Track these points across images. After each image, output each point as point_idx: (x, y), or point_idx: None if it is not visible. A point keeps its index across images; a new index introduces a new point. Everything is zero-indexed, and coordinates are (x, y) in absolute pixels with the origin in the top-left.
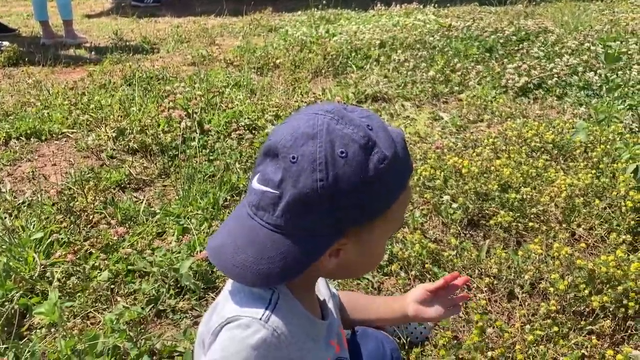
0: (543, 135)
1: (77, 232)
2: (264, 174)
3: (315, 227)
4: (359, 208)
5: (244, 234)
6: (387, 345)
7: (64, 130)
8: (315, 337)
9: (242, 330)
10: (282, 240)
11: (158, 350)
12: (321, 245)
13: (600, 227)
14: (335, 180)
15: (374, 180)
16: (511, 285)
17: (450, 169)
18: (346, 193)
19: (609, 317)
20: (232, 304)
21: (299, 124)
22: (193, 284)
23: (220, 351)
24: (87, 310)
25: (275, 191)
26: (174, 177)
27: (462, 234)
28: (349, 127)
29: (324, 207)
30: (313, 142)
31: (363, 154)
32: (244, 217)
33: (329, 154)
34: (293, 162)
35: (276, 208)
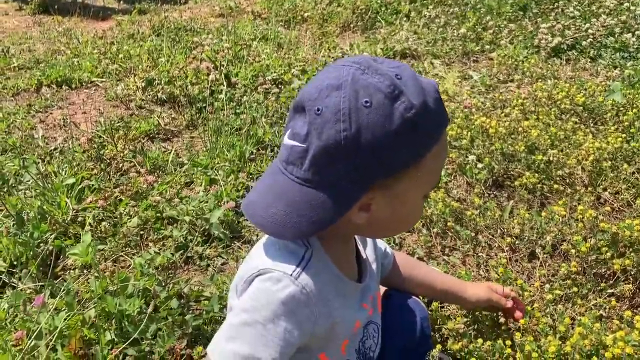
0: (574, 97)
1: (107, 179)
2: (293, 129)
3: (342, 180)
4: (384, 159)
5: (275, 188)
6: (419, 312)
7: (93, 79)
8: (345, 297)
9: (272, 283)
10: (310, 193)
11: (186, 294)
12: (348, 198)
13: (627, 192)
14: (358, 130)
15: (400, 131)
16: (533, 245)
17: (477, 129)
18: (370, 144)
19: (630, 280)
20: (266, 256)
21: (326, 77)
22: (222, 232)
23: (251, 300)
24: (118, 254)
25: (302, 145)
26: (201, 129)
27: (486, 194)
28: (375, 76)
29: (349, 158)
30: (337, 93)
31: (388, 103)
32: (276, 173)
33: (353, 104)
34: (317, 114)
35: (304, 162)
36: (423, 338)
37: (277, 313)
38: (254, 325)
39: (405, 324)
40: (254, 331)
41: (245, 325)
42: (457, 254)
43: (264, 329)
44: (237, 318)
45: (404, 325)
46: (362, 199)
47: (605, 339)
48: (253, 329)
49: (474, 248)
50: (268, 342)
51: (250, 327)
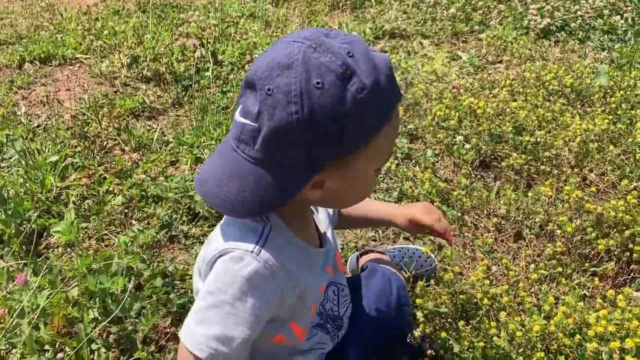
0: (562, 79)
1: (91, 157)
2: (244, 106)
3: (294, 161)
4: (336, 140)
5: (227, 167)
6: (395, 282)
7: (77, 55)
8: (309, 266)
9: (234, 262)
10: (262, 173)
11: (170, 272)
12: (301, 178)
13: (612, 174)
14: (310, 112)
15: (352, 112)
16: (519, 226)
17: (465, 110)
18: (323, 125)
19: (613, 260)
20: (226, 236)
21: (276, 53)
22: (207, 211)
23: (215, 282)
24: (102, 232)
25: (254, 124)
26: (187, 107)
27: (473, 174)
28: (327, 55)
29: (300, 140)
30: (288, 73)
31: (340, 84)
32: (228, 150)
33: (304, 85)
34: (269, 94)
35: (255, 141)
36: (400, 307)
37: (243, 290)
38: (221, 305)
39: (382, 293)
40: (222, 312)
41: (213, 307)
42: None
43: (232, 307)
44: (204, 301)
45: (381, 294)
46: (314, 178)
47: (588, 317)
48: (221, 310)
49: (460, 228)
50: (238, 320)
51: (219, 308)
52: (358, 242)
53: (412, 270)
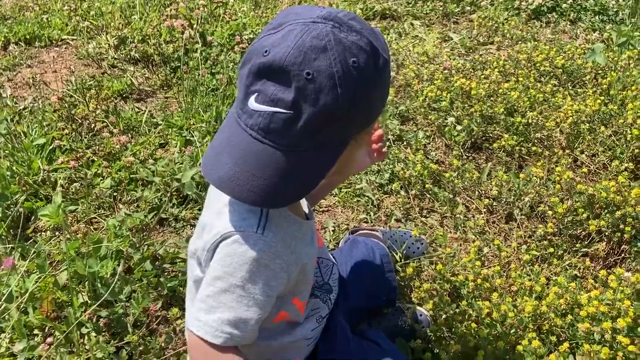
0: (553, 60)
1: (79, 140)
2: (266, 94)
3: (331, 141)
4: (367, 114)
5: (255, 159)
6: (378, 251)
7: (63, 36)
8: (304, 238)
9: (239, 244)
10: (300, 158)
11: (160, 256)
12: (333, 158)
13: (603, 155)
14: (353, 92)
15: (380, 85)
16: (510, 207)
17: (457, 91)
18: (361, 102)
19: (604, 240)
20: (224, 220)
21: (302, 37)
22: (195, 193)
23: (221, 267)
24: (90, 216)
25: (288, 111)
26: (176, 89)
27: (465, 156)
28: (352, 34)
29: (342, 120)
30: (325, 55)
31: (372, 62)
32: (247, 141)
33: (345, 66)
34: (309, 79)
35: (292, 128)
36: (384, 274)
37: (252, 271)
38: (232, 290)
39: (365, 262)
40: (233, 295)
41: (224, 292)
42: (434, 215)
43: (243, 290)
44: (212, 288)
45: (365, 263)
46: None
47: (580, 298)
48: (232, 294)
49: (451, 210)
50: (250, 301)
51: (229, 292)
52: (350, 224)
53: (403, 250)
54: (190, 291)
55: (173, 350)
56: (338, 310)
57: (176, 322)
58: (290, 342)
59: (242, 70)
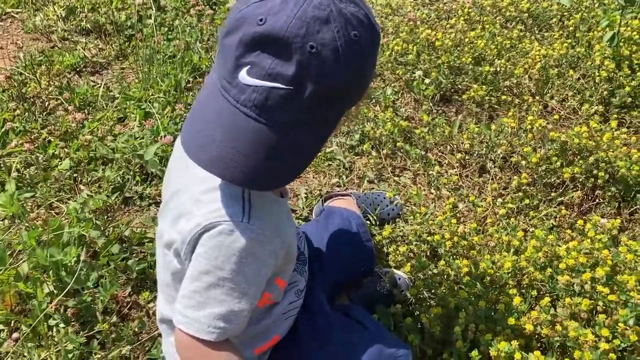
0: (518, 4)
1: (32, 120)
2: (262, 67)
3: (330, 116)
4: (363, 88)
5: (249, 138)
6: (354, 220)
7: (7, 10)
8: (285, 216)
9: (225, 236)
10: (294, 138)
11: (127, 237)
12: (329, 132)
13: (573, 99)
14: (356, 66)
15: (375, 59)
16: (483, 160)
17: (423, 43)
18: (362, 76)
19: (579, 187)
20: (204, 206)
21: (303, 5)
22: (159, 170)
23: (207, 260)
24: (50, 201)
25: (288, 87)
26: (132, 59)
27: (435, 110)
28: (351, 5)
29: (344, 95)
30: (328, 27)
31: (370, 35)
32: (237, 119)
33: (348, 39)
34: (312, 53)
35: (291, 106)
36: (361, 243)
37: (241, 262)
38: (221, 283)
39: (342, 232)
40: (223, 289)
41: (212, 287)
42: (407, 174)
43: (233, 282)
44: (198, 283)
45: (341, 233)
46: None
47: (559, 250)
48: (222, 288)
49: (424, 166)
50: (241, 293)
51: (218, 286)
52: (322, 190)
53: (378, 213)
54: (164, 282)
55: (147, 334)
56: (316, 285)
57: (148, 305)
58: (272, 321)
59: (227, 39)
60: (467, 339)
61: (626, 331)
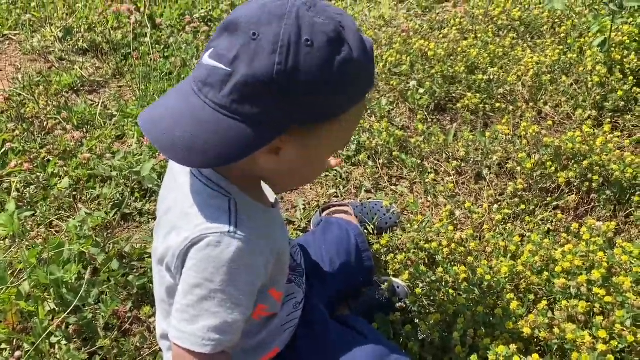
0: (510, 12)
1: (31, 140)
2: (218, 49)
3: (260, 114)
4: (309, 105)
5: (184, 110)
6: (352, 231)
7: (5, 32)
8: (274, 226)
9: (213, 248)
10: (223, 121)
11: (127, 253)
12: (262, 135)
13: (567, 104)
14: (294, 67)
15: (333, 79)
16: (479, 167)
17: (416, 53)
18: (302, 84)
19: (574, 191)
20: (192, 220)
21: (267, 3)
22: (157, 185)
23: (197, 273)
24: (50, 219)
25: (227, 68)
26: (129, 77)
27: (430, 119)
28: (321, 17)
29: (275, 94)
30: (279, 23)
31: (330, 48)
32: (187, 92)
33: (294, 38)
34: (253, 39)
35: (224, 86)
36: (359, 254)
37: (231, 273)
38: (213, 295)
39: (340, 242)
40: (215, 301)
41: (204, 300)
42: (404, 182)
43: (224, 294)
44: (190, 296)
45: (339, 243)
46: (274, 140)
47: (554, 253)
48: (213, 300)
49: (420, 175)
50: (233, 304)
51: (210, 299)
52: (320, 200)
53: (375, 222)
54: (160, 297)
55: (149, 349)
56: (315, 296)
57: (149, 320)
58: (270, 334)
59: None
60: (466, 345)
61: (623, 332)
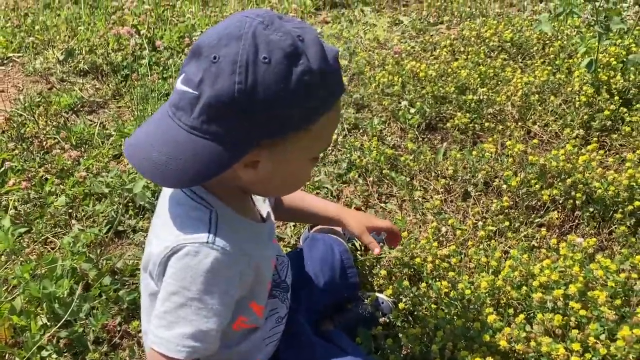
0: (502, 34)
1: (30, 159)
2: (187, 74)
3: (230, 133)
4: (274, 119)
5: (161, 133)
6: (337, 247)
7: (9, 54)
8: (257, 240)
9: (191, 257)
10: (196, 142)
11: (119, 269)
12: (234, 152)
13: (555, 124)
14: (253, 85)
15: (294, 92)
16: (466, 185)
17: (408, 74)
18: (263, 101)
19: (559, 209)
20: (173, 231)
21: (227, 25)
22: (149, 202)
23: (175, 281)
24: (45, 236)
25: (194, 92)
26: (127, 98)
27: (420, 138)
28: (277, 33)
29: (239, 112)
30: (236, 44)
31: (287, 63)
32: (164, 117)
33: (251, 57)
34: (214, 62)
35: (193, 109)
36: (344, 270)
37: (208, 282)
38: (189, 303)
39: (325, 258)
40: (191, 309)
41: (181, 307)
42: (393, 200)
43: (201, 302)
44: (168, 303)
45: (324, 259)
46: (247, 155)
47: (533, 268)
48: (190, 307)
49: (409, 193)
50: (209, 313)
51: (187, 307)
52: None
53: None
54: (145, 305)
55: None
56: (299, 310)
57: (139, 334)
58: (252, 346)
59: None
60: (445, 357)
61: (597, 345)
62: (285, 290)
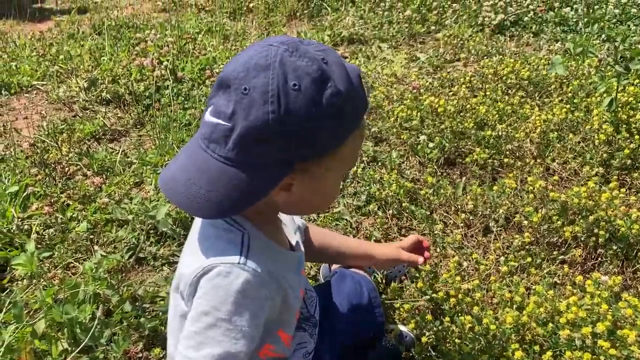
0: (519, 72)
1: (53, 185)
2: (216, 106)
3: (266, 160)
4: (309, 142)
5: (196, 167)
6: (365, 285)
7: (33, 82)
8: (287, 268)
9: (223, 277)
10: (233, 172)
11: (140, 296)
12: (271, 178)
13: (574, 161)
14: (286, 112)
15: (326, 115)
16: (486, 220)
17: (426, 109)
18: (297, 126)
19: (581, 246)
20: (205, 252)
21: (253, 55)
22: (171, 229)
23: (206, 301)
24: (67, 261)
25: (227, 124)
26: (149, 127)
27: (439, 172)
28: (303, 59)
29: (274, 140)
30: (265, 74)
31: (316, 87)
32: (196, 150)
33: (281, 86)
34: (245, 94)
35: (228, 141)
36: (371, 309)
37: (238, 304)
38: (219, 324)
39: (353, 296)
40: (220, 329)
41: (211, 328)
42: (413, 233)
43: (230, 323)
44: (199, 323)
45: (351, 297)
46: (283, 179)
47: (559, 305)
48: (220, 329)
49: (429, 226)
50: (238, 334)
51: (216, 327)
52: None
53: (383, 272)
54: (174, 327)
55: None
56: (325, 346)
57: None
58: None
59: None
60: None
61: None
62: (314, 325)
